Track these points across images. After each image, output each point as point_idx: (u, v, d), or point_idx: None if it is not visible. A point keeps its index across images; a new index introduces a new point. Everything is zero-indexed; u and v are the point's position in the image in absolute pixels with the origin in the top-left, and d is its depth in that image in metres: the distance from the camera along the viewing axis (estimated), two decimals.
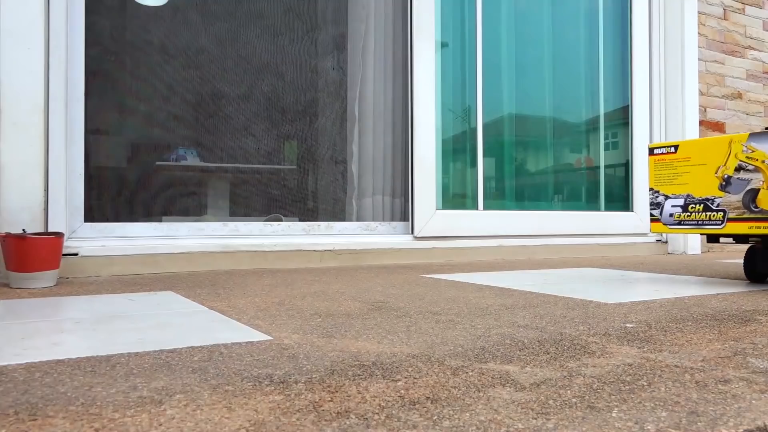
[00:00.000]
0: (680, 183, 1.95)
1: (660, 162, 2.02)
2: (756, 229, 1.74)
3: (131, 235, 2.40)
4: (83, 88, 2.28)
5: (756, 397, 0.74)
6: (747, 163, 1.75)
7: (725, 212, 1.81)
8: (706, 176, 1.88)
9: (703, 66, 3.70)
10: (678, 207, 1.95)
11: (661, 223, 2.00)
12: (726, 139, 1.83)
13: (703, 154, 1.89)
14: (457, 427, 0.64)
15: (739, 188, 1.77)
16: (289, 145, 4.66)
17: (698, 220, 1.89)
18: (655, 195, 2.02)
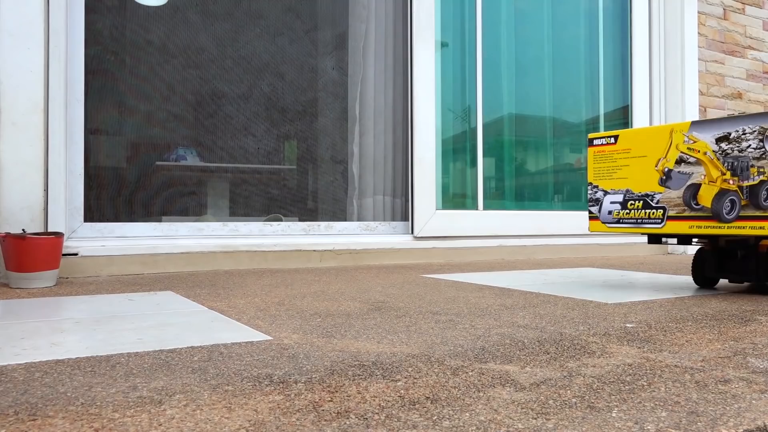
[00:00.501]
0: (620, 177, 1.79)
1: (599, 154, 1.85)
2: (697, 229, 1.59)
3: (131, 235, 2.40)
4: (83, 87, 2.28)
5: (756, 397, 0.74)
6: (688, 155, 1.60)
7: (665, 210, 1.66)
8: (647, 170, 1.72)
9: (703, 66, 3.70)
10: (617, 204, 1.79)
11: (599, 222, 1.84)
12: (667, 128, 1.67)
13: (644, 145, 1.73)
14: (457, 427, 0.64)
15: (679, 183, 1.62)
16: (289, 145, 4.66)
17: (637, 219, 1.74)
18: (594, 190, 1.85)
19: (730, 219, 1.52)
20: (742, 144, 1.49)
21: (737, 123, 1.50)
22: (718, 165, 1.54)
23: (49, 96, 2.12)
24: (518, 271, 2.39)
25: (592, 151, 1.85)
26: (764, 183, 1.46)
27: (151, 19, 4.29)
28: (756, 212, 1.49)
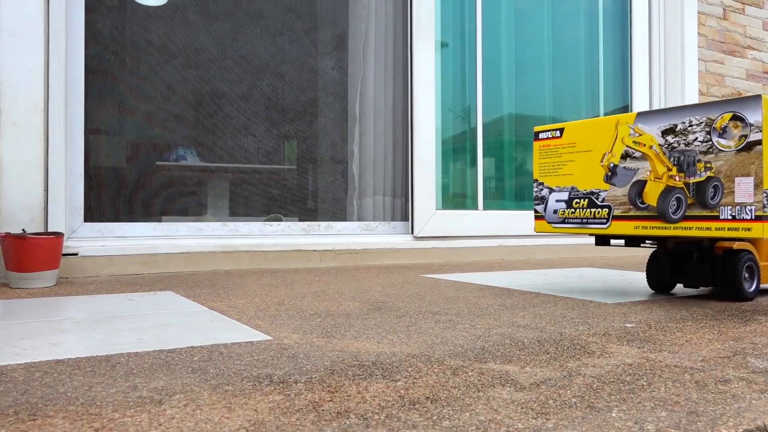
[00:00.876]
0: (565, 174, 1.66)
1: (545, 148, 1.72)
2: (642, 230, 1.46)
3: (131, 235, 2.40)
4: (83, 87, 2.28)
5: (756, 397, 0.74)
6: (634, 149, 1.47)
7: (611, 209, 1.53)
8: (592, 165, 1.59)
9: (703, 66, 3.70)
10: (562, 202, 1.66)
11: (545, 221, 1.71)
12: (613, 120, 1.54)
13: (589, 138, 1.60)
14: (456, 427, 0.64)
15: (625, 179, 1.49)
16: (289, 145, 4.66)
17: (583, 218, 1.61)
18: (539, 188, 1.73)
19: (676, 219, 1.40)
20: (688, 137, 1.37)
21: (684, 114, 1.38)
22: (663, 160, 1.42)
23: (49, 96, 2.12)
24: (518, 271, 2.39)
25: (537, 146, 1.72)
26: (711, 179, 1.33)
27: (151, 19, 4.29)
28: (703, 211, 1.36)
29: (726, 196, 1.31)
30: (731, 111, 1.31)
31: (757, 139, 1.26)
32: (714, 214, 1.33)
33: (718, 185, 1.32)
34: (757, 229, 1.26)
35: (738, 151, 1.29)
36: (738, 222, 1.29)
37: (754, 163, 1.26)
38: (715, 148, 1.33)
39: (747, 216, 1.28)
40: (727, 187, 1.30)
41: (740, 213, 1.29)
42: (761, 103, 1.26)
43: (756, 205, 1.26)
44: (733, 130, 1.30)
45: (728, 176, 1.30)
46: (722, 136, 1.32)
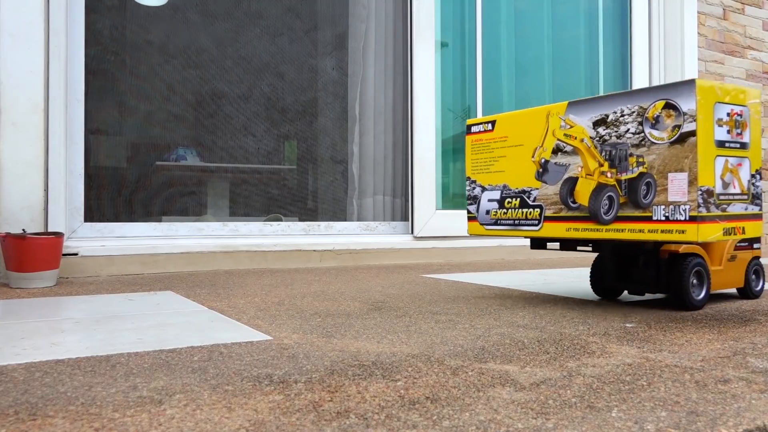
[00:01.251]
0: (497, 170, 1.52)
1: (477, 143, 1.58)
2: (574, 232, 1.32)
3: (131, 235, 2.40)
4: (83, 87, 2.28)
5: (755, 397, 0.74)
6: (565, 142, 1.33)
7: (542, 209, 1.39)
8: (524, 161, 1.45)
9: (703, 66, 3.70)
10: (495, 201, 1.53)
11: (477, 223, 1.58)
12: (544, 110, 1.40)
13: (521, 131, 1.46)
14: (456, 426, 0.64)
15: (556, 176, 1.35)
16: (289, 145, 4.66)
17: (515, 219, 1.47)
18: (472, 186, 1.60)
19: (608, 220, 1.25)
20: (620, 128, 1.23)
21: (615, 102, 1.24)
22: (595, 154, 1.27)
23: (49, 96, 2.12)
24: (518, 271, 2.39)
25: (469, 141, 1.58)
26: (644, 176, 1.19)
27: (151, 19, 4.29)
28: (635, 212, 1.21)
29: (659, 194, 1.17)
30: (664, 98, 1.17)
31: (690, 130, 1.12)
32: (647, 215, 1.20)
33: (651, 182, 1.18)
34: (691, 231, 1.12)
35: (671, 144, 1.15)
36: (671, 223, 1.15)
37: (688, 156, 1.13)
38: (648, 140, 1.19)
39: (681, 217, 1.14)
40: (660, 184, 1.17)
41: (674, 213, 1.15)
42: (695, 89, 1.12)
43: (690, 204, 1.13)
44: (666, 120, 1.16)
45: (661, 172, 1.17)
46: (655, 127, 1.18)
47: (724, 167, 1.16)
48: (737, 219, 1.18)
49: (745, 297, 1.59)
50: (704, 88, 1.13)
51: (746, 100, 1.20)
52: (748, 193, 1.21)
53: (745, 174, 1.20)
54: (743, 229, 1.19)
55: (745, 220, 1.19)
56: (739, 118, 1.19)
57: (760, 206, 1.24)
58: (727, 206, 1.16)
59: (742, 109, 1.19)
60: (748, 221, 1.20)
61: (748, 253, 1.55)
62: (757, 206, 1.22)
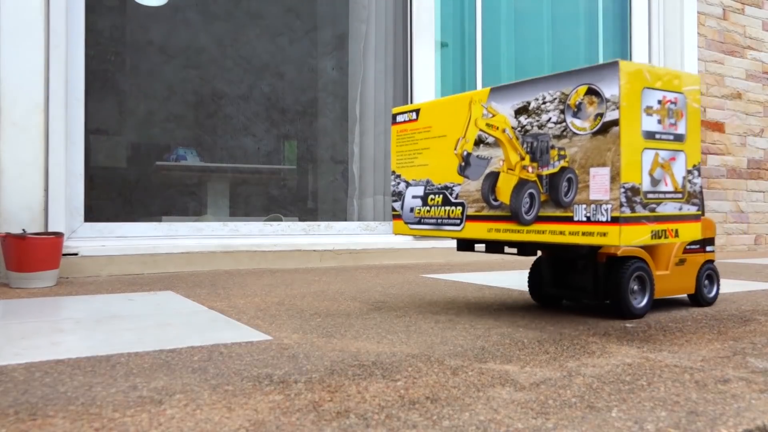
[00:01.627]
0: (421, 164, 1.38)
1: (402, 134, 1.45)
2: (495, 233, 1.18)
3: (131, 235, 2.40)
4: (83, 88, 2.28)
5: (755, 397, 0.74)
6: (487, 133, 1.19)
7: (464, 207, 1.25)
8: (447, 154, 1.32)
9: (703, 66, 3.70)
10: (418, 198, 1.39)
11: (402, 221, 1.44)
12: (466, 98, 1.26)
13: (444, 121, 1.32)
14: (456, 426, 0.64)
15: (478, 171, 1.22)
16: (289, 145, 4.66)
17: (438, 218, 1.34)
18: (397, 181, 1.46)
19: (529, 220, 1.12)
20: (542, 117, 1.10)
21: (537, 88, 1.11)
22: (516, 146, 1.14)
23: (49, 96, 2.12)
24: (518, 271, 2.39)
25: (395, 131, 1.44)
26: (565, 171, 1.06)
27: (151, 19, 4.29)
28: (556, 211, 1.08)
29: (581, 191, 1.04)
30: (586, 83, 1.03)
31: (613, 119, 0.99)
32: (568, 215, 1.06)
33: (572, 178, 1.05)
34: (613, 234, 0.98)
35: (593, 135, 1.02)
36: (592, 224, 1.02)
37: (611, 149, 0.99)
38: (570, 130, 1.05)
39: (602, 217, 1.00)
40: (582, 180, 1.03)
41: (595, 213, 1.01)
42: (618, 72, 0.98)
43: (612, 203, 0.99)
44: (589, 108, 1.02)
45: (583, 166, 1.03)
46: (577, 116, 1.04)
47: (654, 161, 1.02)
48: (669, 220, 1.04)
49: (697, 304, 1.45)
50: (630, 72, 1.00)
51: (682, 86, 1.07)
52: (684, 191, 1.07)
53: (680, 169, 1.07)
54: (676, 231, 1.05)
55: (679, 221, 1.06)
56: (672, 107, 1.06)
57: (700, 206, 1.11)
58: (656, 206, 1.03)
59: (676, 96, 1.06)
60: (683, 222, 1.07)
61: (700, 256, 1.43)
62: (694, 206, 1.09)
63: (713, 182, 3.73)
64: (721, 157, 3.77)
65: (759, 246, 3.92)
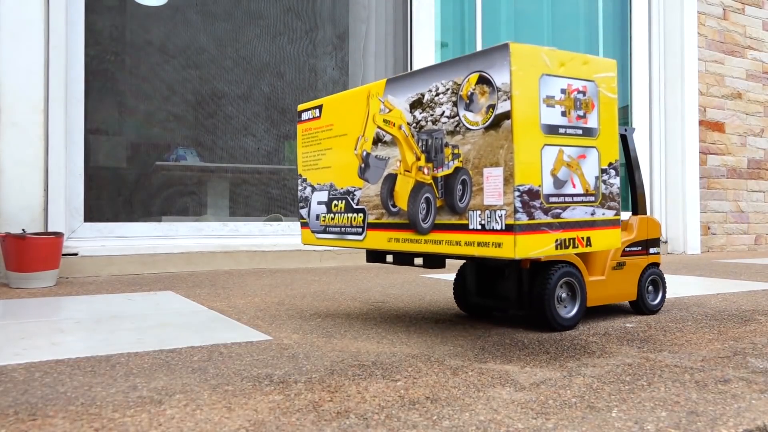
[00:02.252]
0: (324, 166, 1.24)
1: (307, 133, 1.30)
2: (395, 243, 1.04)
3: (131, 235, 2.40)
4: (83, 88, 2.28)
5: (756, 397, 0.74)
6: (384, 130, 1.06)
7: (365, 213, 1.12)
8: (348, 154, 1.17)
9: (703, 66, 3.70)
10: (323, 204, 1.25)
11: (309, 230, 1.30)
12: (364, 91, 1.13)
13: (345, 117, 1.18)
14: (456, 427, 0.64)
15: (377, 174, 1.08)
16: (289, 145, 4.66)
17: (341, 226, 1.20)
18: (303, 186, 1.32)
19: (426, 228, 0.98)
20: (435, 111, 0.96)
21: (430, 77, 0.97)
22: (412, 145, 1.00)
23: (49, 96, 2.12)
24: None
25: (300, 130, 1.29)
26: (459, 172, 0.92)
27: (151, 19, 4.29)
28: (452, 218, 0.94)
29: (475, 195, 0.90)
30: (477, 71, 0.89)
31: (505, 111, 0.85)
32: (463, 222, 0.92)
33: (467, 180, 0.91)
34: (508, 245, 0.84)
35: (486, 129, 0.88)
36: (487, 234, 0.88)
37: (503, 146, 0.85)
38: (463, 125, 0.91)
39: (496, 225, 0.86)
40: (476, 182, 0.90)
41: (489, 221, 0.88)
42: (508, 57, 0.84)
43: (506, 208, 0.85)
44: (480, 99, 0.88)
45: (477, 167, 0.89)
46: (469, 108, 0.90)
47: (558, 160, 0.88)
48: (578, 227, 0.90)
49: (639, 312, 1.33)
50: (523, 55, 0.84)
51: (592, 73, 0.92)
52: (596, 193, 0.93)
53: (592, 168, 0.92)
54: (587, 240, 0.91)
55: (590, 228, 0.91)
56: (580, 96, 0.91)
57: (617, 210, 0.95)
58: (561, 211, 0.88)
59: (585, 84, 0.91)
60: (597, 229, 0.92)
61: (642, 260, 1.31)
62: (611, 210, 0.94)
63: (713, 182, 3.73)
64: (721, 157, 3.77)
65: (759, 246, 3.92)
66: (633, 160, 1.36)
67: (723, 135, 3.78)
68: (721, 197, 3.76)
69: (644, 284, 1.31)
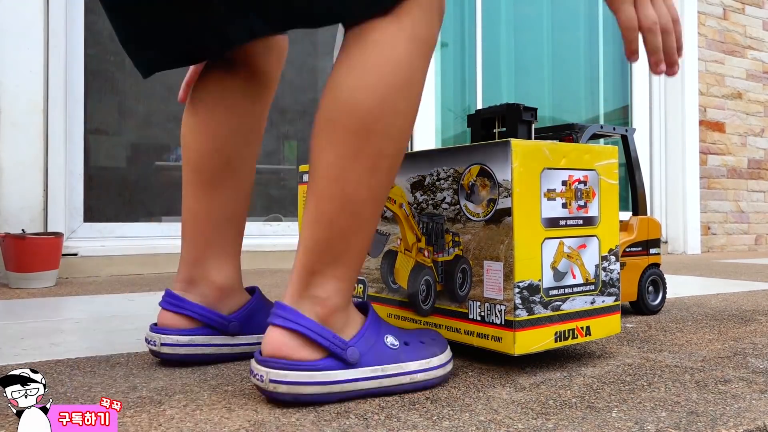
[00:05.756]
0: None
1: None
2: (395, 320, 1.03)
3: (131, 235, 2.39)
4: (83, 88, 2.28)
5: (756, 397, 0.74)
6: (386, 206, 1.05)
7: (365, 285, 1.10)
8: None
9: (703, 66, 3.70)
10: None
11: None
12: None
13: None
14: (456, 427, 0.64)
15: (378, 248, 1.07)
16: (289, 145, 4.66)
17: None
18: None
19: (426, 310, 0.97)
20: (437, 195, 0.95)
21: (432, 161, 0.96)
22: (413, 225, 1.00)
23: (49, 96, 2.12)
24: None
25: (301, 191, 1.24)
26: (460, 260, 0.91)
27: None
28: (452, 305, 0.92)
29: (475, 285, 0.89)
30: (478, 163, 0.89)
31: (506, 208, 0.84)
32: (463, 311, 0.90)
33: (467, 269, 0.91)
34: (507, 340, 0.83)
35: (486, 222, 0.87)
36: (487, 326, 0.86)
37: (504, 241, 0.85)
38: (463, 214, 0.91)
39: (496, 320, 0.85)
40: (476, 272, 0.89)
41: (489, 314, 0.86)
42: (510, 153, 0.83)
43: (506, 304, 0.84)
44: (482, 191, 0.88)
45: (477, 257, 0.89)
46: (470, 198, 0.90)
47: (558, 252, 0.87)
48: (578, 317, 0.89)
49: (639, 312, 1.33)
50: (525, 152, 0.84)
51: (593, 162, 0.92)
52: (596, 281, 0.91)
53: (592, 257, 0.91)
54: (587, 329, 0.90)
55: (590, 317, 0.90)
56: (581, 186, 0.90)
57: (617, 296, 0.94)
58: (561, 303, 0.87)
59: (586, 174, 0.91)
60: (596, 317, 0.91)
61: (642, 260, 1.31)
62: (611, 296, 0.93)
63: (713, 182, 3.73)
64: (721, 157, 3.77)
65: (759, 246, 3.92)
66: (633, 160, 1.36)
67: (723, 135, 3.78)
68: (721, 197, 3.76)
69: (644, 285, 1.31)
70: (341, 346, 0.70)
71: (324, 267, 0.72)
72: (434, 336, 0.83)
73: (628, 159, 1.37)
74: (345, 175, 0.72)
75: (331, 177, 0.72)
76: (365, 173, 0.72)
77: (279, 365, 0.68)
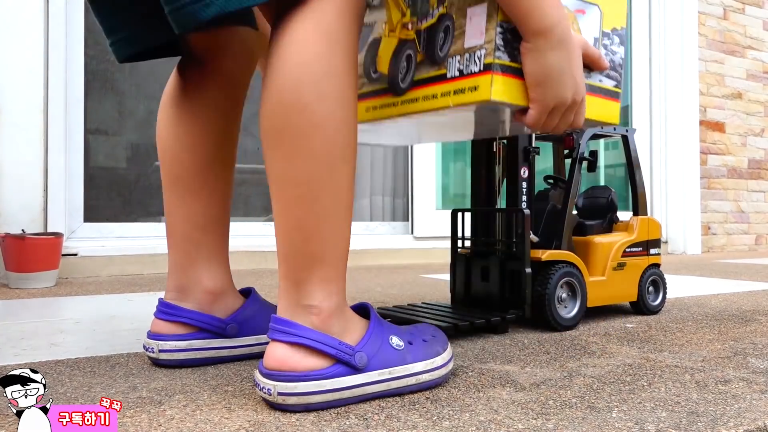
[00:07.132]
0: None
1: None
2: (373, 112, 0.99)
3: (131, 235, 2.39)
4: (83, 88, 2.28)
5: (756, 397, 0.74)
6: None
7: None
8: None
9: (703, 66, 3.70)
10: None
11: None
12: None
13: None
14: (457, 427, 0.64)
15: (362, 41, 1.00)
16: None
17: None
18: None
19: (404, 88, 0.88)
20: None
21: None
22: (399, 2, 0.91)
23: (49, 96, 2.12)
24: None
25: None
26: (443, 18, 0.81)
27: None
28: (430, 71, 0.83)
29: (456, 40, 0.80)
30: None
31: None
32: (441, 72, 0.81)
33: (450, 26, 0.81)
34: (484, 86, 0.74)
35: None
36: (465, 78, 0.77)
37: None
38: None
39: (475, 68, 0.76)
40: (459, 25, 0.79)
41: (468, 64, 0.77)
42: None
43: (486, 47, 0.74)
44: None
45: (461, 9, 0.79)
46: None
47: None
48: None
49: (640, 312, 1.33)
50: None
51: None
52: None
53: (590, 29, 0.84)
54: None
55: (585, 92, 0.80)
56: None
57: (618, 81, 0.85)
58: None
59: None
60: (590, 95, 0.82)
61: (643, 260, 1.31)
62: (611, 80, 0.85)
63: (714, 182, 3.73)
64: (721, 157, 3.77)
65: (760, 246, 3.92)
66: (633, 160, 1.36)
67: (723, 135, 3.78)
68: (721, 197, 3.76)
69: (645, 285, 1.32)
70: (348, 352, 0.69)
71: (308, 274, 0.72)
72: (434, 332, 0.83)
73: (629, 159, 1.37)
74: (298, 176, 0.70)
75: (287, 181, 0.71)
76: (319, 169, 0.70)
77: (286, 378, 0.67)
